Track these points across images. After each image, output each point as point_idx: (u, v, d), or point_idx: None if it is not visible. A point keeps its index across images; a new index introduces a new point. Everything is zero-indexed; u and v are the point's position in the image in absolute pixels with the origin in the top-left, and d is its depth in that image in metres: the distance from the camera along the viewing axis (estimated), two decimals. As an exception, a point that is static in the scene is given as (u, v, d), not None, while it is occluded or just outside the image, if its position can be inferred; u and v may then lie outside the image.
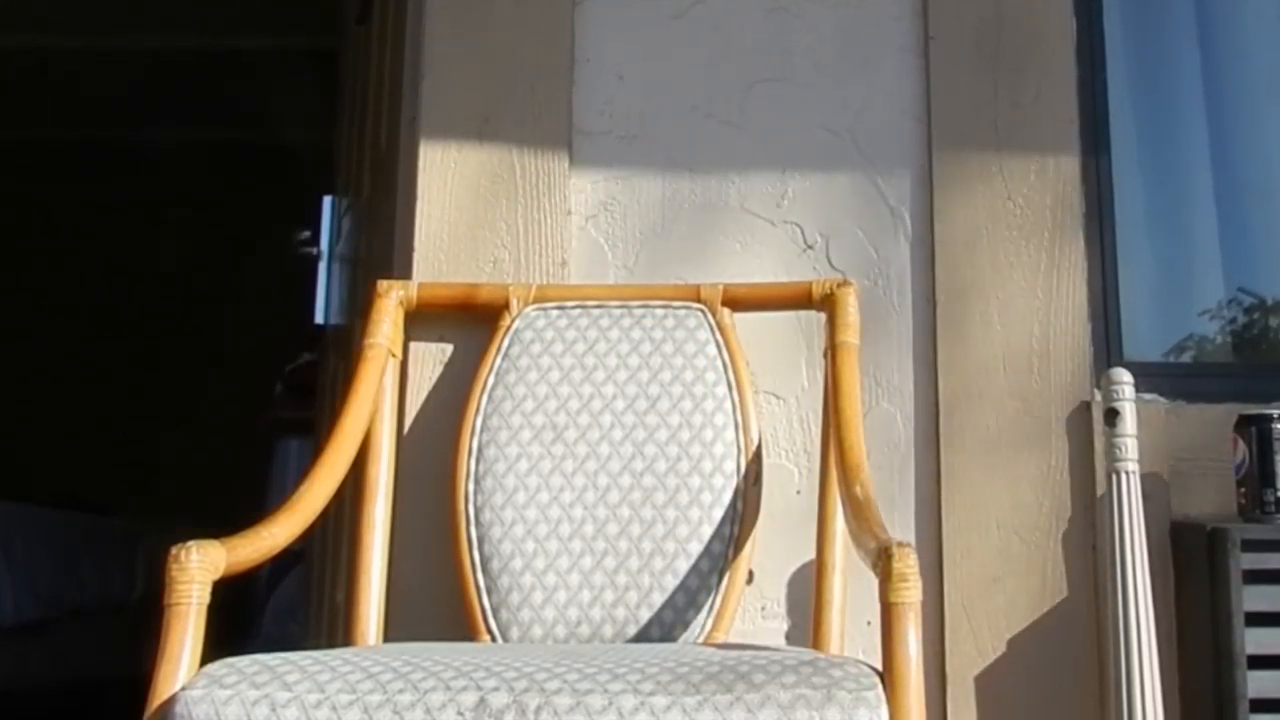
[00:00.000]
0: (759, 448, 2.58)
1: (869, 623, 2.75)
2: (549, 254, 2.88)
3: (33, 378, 8.29)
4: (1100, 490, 2.78)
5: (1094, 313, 2.91)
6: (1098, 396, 2.81)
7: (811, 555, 2.63)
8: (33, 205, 8.53)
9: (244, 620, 6.06)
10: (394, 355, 2.66)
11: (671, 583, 2.45)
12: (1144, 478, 2.73)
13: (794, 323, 2.87)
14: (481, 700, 1.69)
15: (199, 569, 1.88)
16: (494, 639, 2.46)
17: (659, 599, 2.44)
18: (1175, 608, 2.76)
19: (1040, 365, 2.85)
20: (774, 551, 2.78)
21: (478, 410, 2.61)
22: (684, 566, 2.46)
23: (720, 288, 2.72)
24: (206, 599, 1.89)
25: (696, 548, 2.46)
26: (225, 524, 2.61)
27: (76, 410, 8.34)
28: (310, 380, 5.84)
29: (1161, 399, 2.90)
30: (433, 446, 2.74)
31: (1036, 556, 2.78)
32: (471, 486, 2.54)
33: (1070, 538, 2.78)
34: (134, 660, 5.77)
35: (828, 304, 2.66)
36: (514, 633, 2.45)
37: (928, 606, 2.74)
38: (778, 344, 2.87)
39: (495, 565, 2.48)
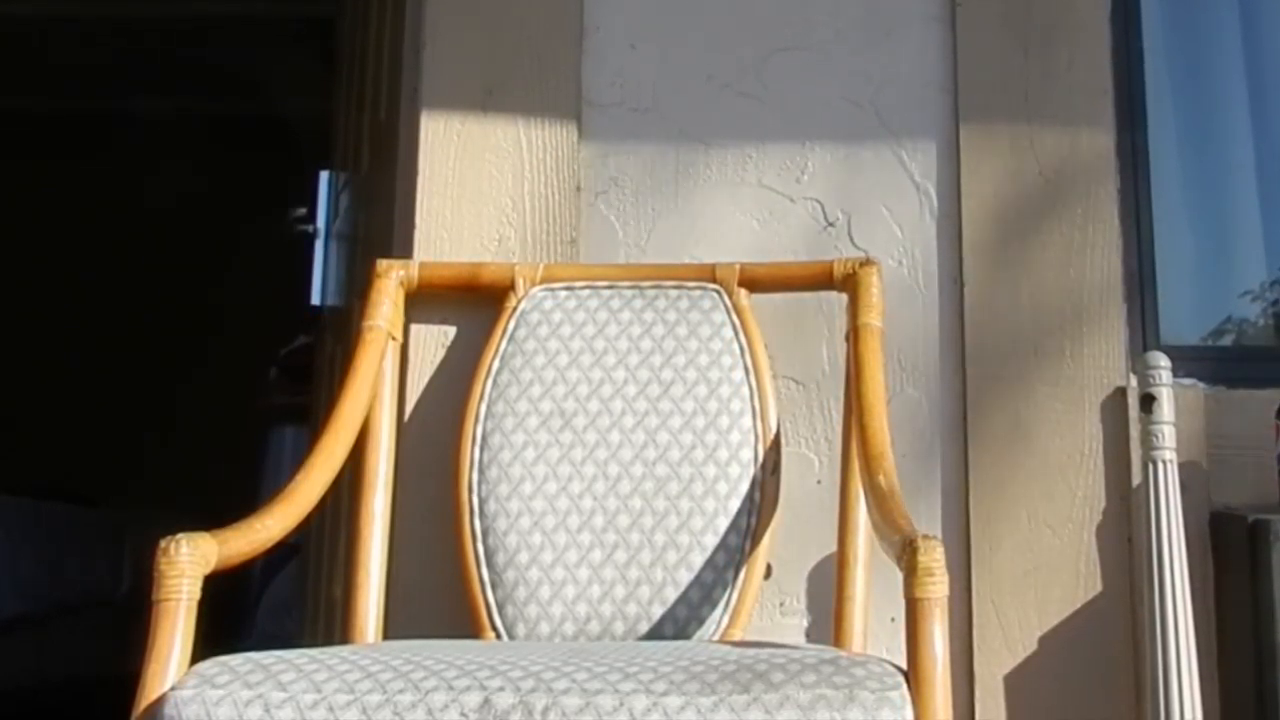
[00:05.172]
0: (777, 435, 2.58)
1: (893, 619, 2.75)
2: (556, 232, 2.88)
3: (13, 362, 8.29)
4: (1136, 480, 2.78)
5: (1129, 293, 2.91)
6: (1133, 381, 2.81)
7: (832, 548, 2.63)
8: (13, 180, 8.52)
9: (237, 616, 6.07)
10: (394, 338, 2.67)
11: (685, 577, 2.45)
12: (1182, 467, 2.73)
13: (814, 304, 2.87)
14: (486, 701, 1.70)
15: (189, 563, 1.88)
16: (499, 636, 2.47)
17: (672, 594, 2.44)
18: (1214, 602, 2.76)
19: (1073, 348, 2.85)
20: (793, 544, 2.78)
21: (482, 396, 2.61)
22: (699, 560, 2.46)
23: (737, 267, 2.72)
24: (197, 594, 1.89)
25: (712, 540, 2.47)
26: (217, 515, 2.61)
27: (60, 396, 8.34)
28: (306, 364, 5.84)
29: (1200, 384, 2.90)
30: (435, 434, 2.74)
31: (1069, 549, 2.78)
32: (475, 476, 2.54)
33: (1104, 530, 2.78)
34: (122, 658, 5.77)
35: (850, 284, 2.66)
36: (520, 630, 2.46)
37: (955, 602, 2.74)
38: (797, 326, 2.87)
39: (500, 559, 2.49)
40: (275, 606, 5.96)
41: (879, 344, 2.53)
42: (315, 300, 7.05)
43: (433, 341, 2.83)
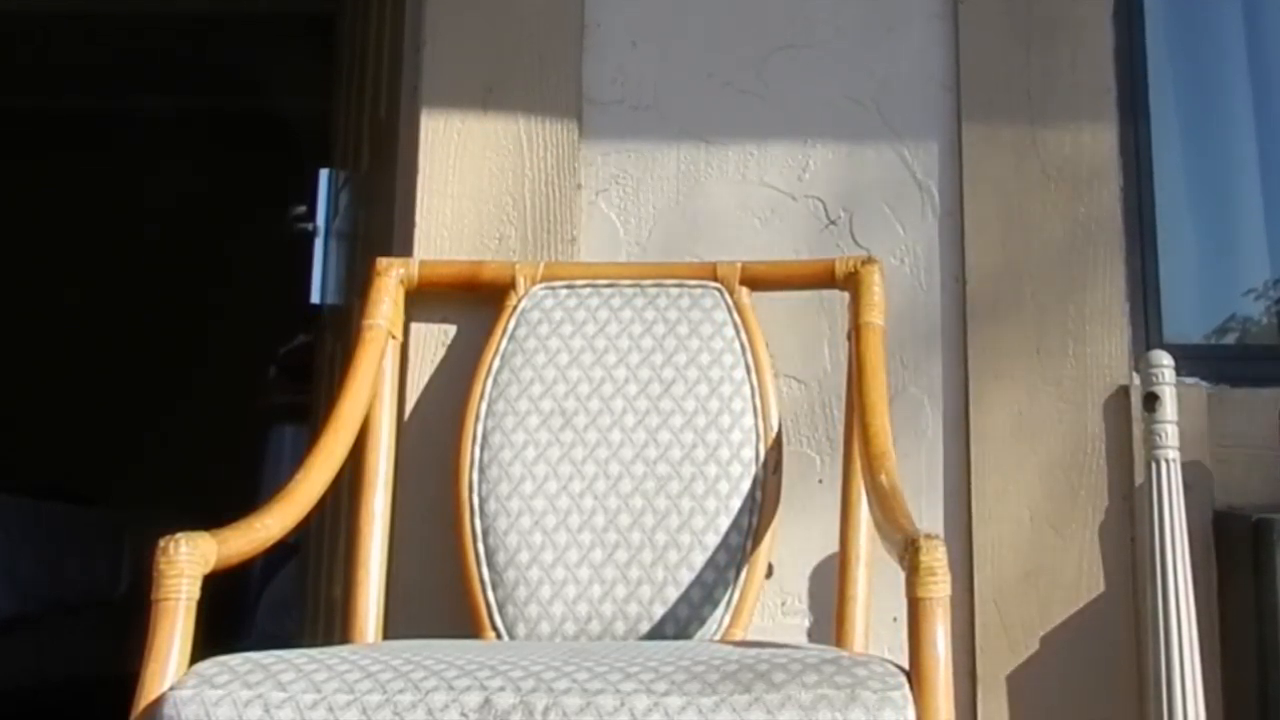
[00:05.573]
0: (779, 434, 2.57)
1: (895, 619, 2.74)
2: (557, 230, 2.88)
3: (13, 362, 8.29)
4: (1139, 479, 2.78)
5: (1132, 292, 2.90)
6: (1136, 380, 2.81)
7: (834, 548, 2.62)
8: (13, 180, 8.52)
9: (236, 616, 6.07)
10: (394, 337, 2.66)
11: (687, 577, 2.45)
12: (1185, 466, 2.72)
13: (816, 303, 2.87)
14: (486, 701, 1.69)
15: (188, 562, 1.88)
16: (499, 636, 2.46)
17: (673, 594, 2.44)
18: (1218, 602, 2.75)
19: (1076, 347, 2.84)
20: (795, 544, 2.78)
21: (482, 395, 2.60)
22: (700, 560, 2.45)
23: (738, 266, 2.72)
24: (196, 593, 1.89)
25: (713, 540, 2.46)
26: (216, 515, 2.61)
27: (60, 396, 8.33)
28: (306, 363, 5.84)
29: (1203, 383, 2.90)
30: (435, 433, 2.74)
31: (1072, 549, 2.77)
32: (476, 475, 2.54)
33: (1107, 529, 2.78)
34: (120, 658, 5.77)
35: (851, 283, 2.65)
36: (520, 629, 2.45)
37: (957, 602, 2.74)
38: (799, 325, 2.86)
39: (501, 558, 2.48)
40: (274, 606, 5.96)
41: (881, 343, 2.53)
42: (315, 299, 7.04)
43: (433, 340, 2.83)
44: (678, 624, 2.44)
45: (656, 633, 2.44)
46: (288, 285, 7.70)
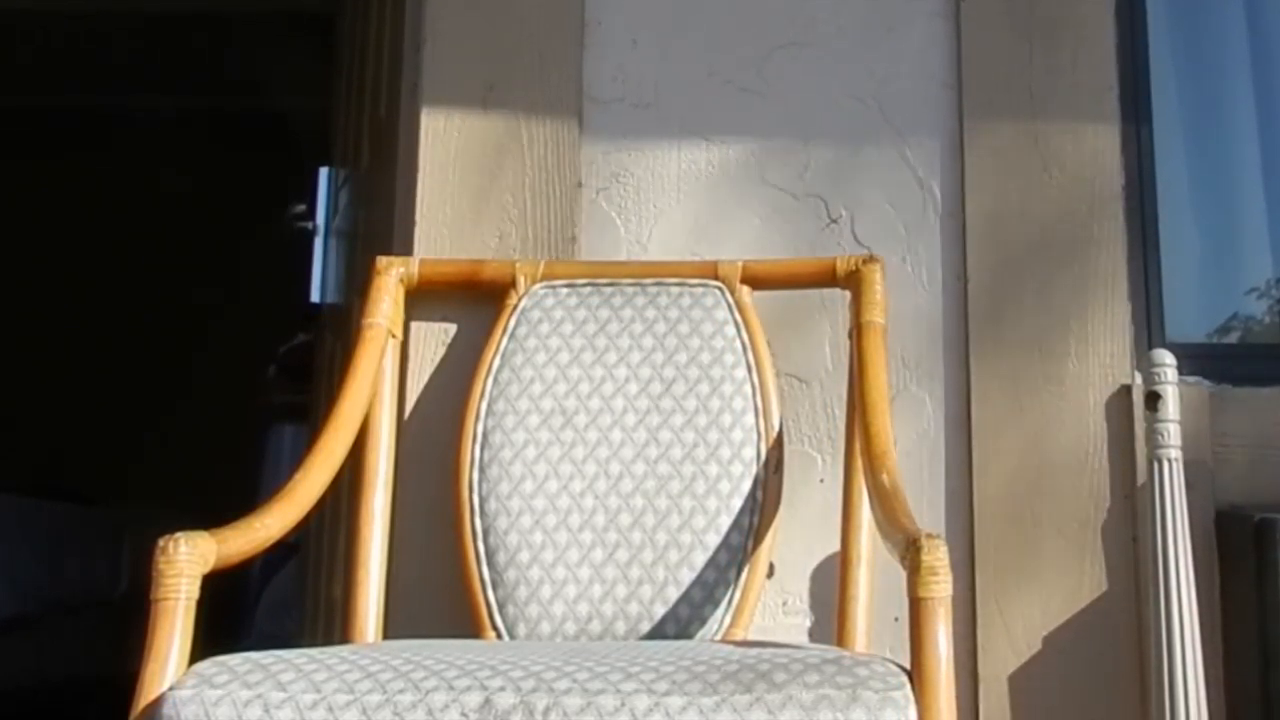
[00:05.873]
0: (780, 434, 2.57)
1: (896, 619, 2.74)
2: (558, 229, 2.88)
3: (12, 362, 8.28)
4: (1141, 479, 2.77)
5: (1134, 291, 2.90)
6: (1138, 379, 2.80)
7: (836, 547, 2.62)
8: (13, 179, 8.52)
9: (236, 616, 6.06)
10: (394, 336, 2.66)
11: (687, 576, 2.44)
12: (1187, 465, 2.72)
13: (817, 302, 2.86)
14: (487, 701, 1.69)
15: (187, 562, 1.88)
16: (500, 636, 2.46)
17: (674, 594, 2.44)
18: (1220, 602, 2.75)
19: (1078, 346, 2.84)
20: (796, 543, 2.78)
21: (483, 394, 2.60)
22: (700, 559, 2.45)
23: (739, 264, 2.71)
24: (195, 593, 1.88)
25: (714, 539, 2.46)
26: (216, 515, 2.61)
27: (60, 396, 8.33)
28: (306, 362, 5.85)
29: (1206, 382, 2.89)
30: (435, 432, 2.74)
31: (1074, 549, 2.77)
32: (476, 475, 2.54)
33: (1109, 529, 2.77)
34: (119, 658, 5.78)
35: (853, 281, 2.65)
36: (521, 629, 2.45)
37: (958, 601, 2.74)
38: (800, 324, 2.86)
39: (501, 558, 2.48)
40: (274, 606, 5.96)
41: (882, 341, 2.52)
42: (315, 298, 7.05)
43: (433, 339, 2.82)
44: (679, 624, 2.43)
45: (657, 632, 2.43)
46: (288, 284, 7.71)
